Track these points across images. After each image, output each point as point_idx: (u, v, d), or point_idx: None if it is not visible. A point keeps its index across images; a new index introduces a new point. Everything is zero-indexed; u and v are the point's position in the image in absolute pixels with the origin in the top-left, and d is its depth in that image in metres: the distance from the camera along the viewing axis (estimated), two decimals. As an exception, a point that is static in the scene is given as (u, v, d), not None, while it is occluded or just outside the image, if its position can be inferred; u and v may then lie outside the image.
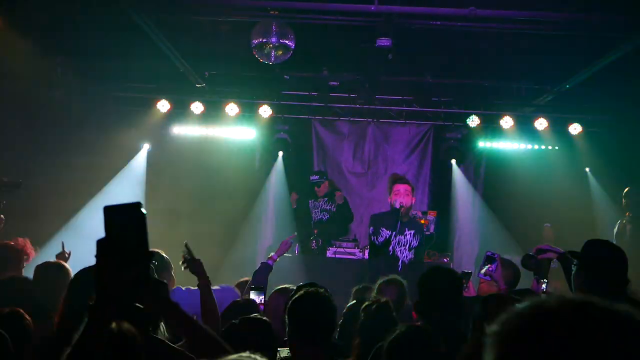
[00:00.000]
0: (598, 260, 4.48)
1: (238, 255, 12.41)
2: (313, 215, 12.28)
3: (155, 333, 3.57)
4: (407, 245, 8.64)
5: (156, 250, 6.04)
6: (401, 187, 8.67)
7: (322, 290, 4.43)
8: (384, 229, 8.55)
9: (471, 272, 7.19)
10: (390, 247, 8.59)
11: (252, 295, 5.95)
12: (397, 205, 8.53)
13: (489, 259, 6.71)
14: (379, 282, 6.08)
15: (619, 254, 4.51)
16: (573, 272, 4.62)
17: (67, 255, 7.57)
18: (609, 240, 4.66)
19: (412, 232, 8.71)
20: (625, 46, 9.37)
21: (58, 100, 11.70)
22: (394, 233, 8.55)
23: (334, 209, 12.22)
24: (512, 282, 6.28)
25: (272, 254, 7.33)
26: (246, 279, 6.79)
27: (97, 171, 12.32)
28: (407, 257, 8.63)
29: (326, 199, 12.28)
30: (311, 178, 12.43)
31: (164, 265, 6.03)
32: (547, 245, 5.59)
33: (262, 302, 5.93)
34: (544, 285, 5.49)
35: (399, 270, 8.21)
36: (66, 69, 11.60)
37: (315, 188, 12.31)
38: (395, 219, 8.55)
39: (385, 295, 5.85)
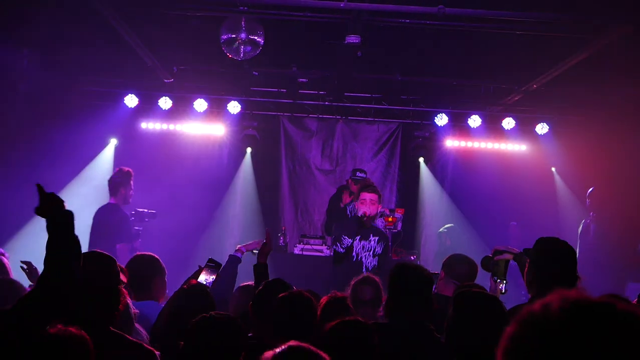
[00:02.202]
0: (548, 257, 4.55)
1: (205, 251, 12.35)
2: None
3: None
4: (372, 251, 8.64)
5: (151, 254, 5.98)
6: (367, 196, 8.66)
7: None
8: (345, 236, 8.57)
9: (438, 274, 7.20)
10: (354, 253, 8.60)
11: (204, 276, 5.81)
12: (360, 214, 8.58)
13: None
14: (353, 281, 6.05)
15: (569, 251, 4.55)
16: (525, 270, 4.69)
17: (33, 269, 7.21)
18: (559, 237, 4.69)
19: (377, 238, 8.70)
20: (592, 47, 9.45)
21: (24, 93, 11.57)
22: (357, 237, 8.60)
23: None
24: (468, 277, 6.27)
25: (239, 246, 7.22)
26: (248, 283, 6.57)
27: (63, 166, 12.20)
28: (371, 263, 8.61)
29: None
30: (358, 174, 11.88)
31: (156, 269, 5.90)
32: (504, 246, 5.64)
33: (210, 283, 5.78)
34: (502, 286, 5.52)
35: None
36: (33, 61, 11.46)
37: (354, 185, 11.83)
38: (357, 227, 8.62)
39: (361, 295, 5.85)
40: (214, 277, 5.74)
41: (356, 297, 5.77)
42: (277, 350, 2.77)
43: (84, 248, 3.67)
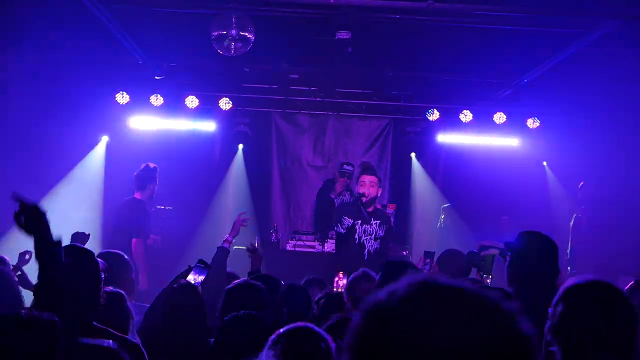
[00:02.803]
0: (528, 251, 4.48)
1: (197, 247, 12.35)
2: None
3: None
4: (373, 235, 8.73)
5: (118, 252, 5.97)
6: (366, 179, 8.80)
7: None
8: (346, 217, 8.67)
9: (434, 252, 7.21)
10: (356, 236, 8.69)
11: (192, 276, 5.81)
12: (356, 194, 8.70)
13: (428, 255, 6.85)
14: (350, 278, 6.01)
15: (550, 245, 4.51)
16: (507, 263, 4.64)
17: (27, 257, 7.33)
18: (540, 232, 4.64)
19: (378, 222, 8.81)
20: (583, 41, 9.48)
21: (14, 91, 11.54)
22: (359, 222, 8.66)
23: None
24: (463, 273, 6.28)
25: (226, 236, 7.23)
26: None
27: (55, 163, 12.18)
28: (373, 246, 8.72)
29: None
30: (345, 167, 11.97)
31: (123, 265, 5.87)
32: (489, 242, 5.64)
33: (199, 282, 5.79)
34: (488, 281, 5.55)
35: (365, 259, 8.34)
36: (22, 59, 11.41)
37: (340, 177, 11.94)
38: (357, 207, 8.70)
39: (359, 291, 5.81)
40: (202, 277, 5.73)
41: (353, 293, 5.71)
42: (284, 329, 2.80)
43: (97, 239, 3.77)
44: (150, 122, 13.42)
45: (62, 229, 3.76)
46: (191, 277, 5.72)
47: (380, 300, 1.34)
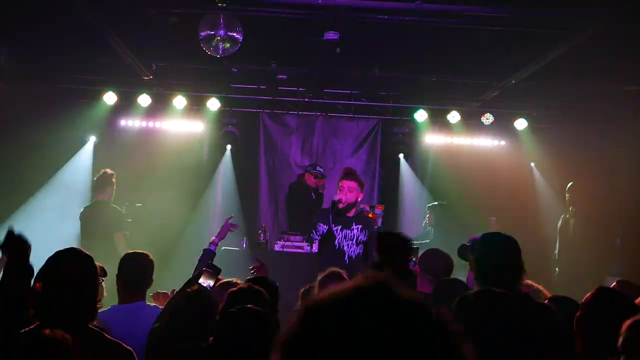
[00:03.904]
0: (490, 251, 4.59)
1: (185, 248, 12.32)
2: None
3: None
4: (354, 240, 8.61)
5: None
6: (345, 184, 8.68)
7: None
8: (320, 224, 8.59)
9: (418, 248, 7.20)
10: (336, 242, 8.57)
11: (203, 279, 5.86)
12: (336, 199, 8.60)
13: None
14: (319, 277, 6.00)
15: (511, 244, 4.60)
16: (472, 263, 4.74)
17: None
18: (502, 232, 4.75)
19: (360, 226, 8.67)
20: (570, 42, 9.50)
21: (2, 91, 11.51)
22: (339, 227, 8.59)
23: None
24: (445, 273, 6.28)
25: (213, 238, 7.21)
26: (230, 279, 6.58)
27: (42, 164, 12.15)
28: (354, 251, 8.58)
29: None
30: (318, 169, 12.28)
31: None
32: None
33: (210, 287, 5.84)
34: None
35: (346, 264, 8.22)
36: (10, 59, 11.38)
37: (314, 179, 12.21)
38: (334, 214, 8.60)
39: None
40: (212, 282, 5.75)
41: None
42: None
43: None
44: (138, 123, 13.39)
45: (47, 235, 3.87)
46: (202, 281, 5.74)
47: (319, 301, 1.34)
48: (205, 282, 5.73)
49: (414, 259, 7.06)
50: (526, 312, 4.39)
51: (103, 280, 4.91)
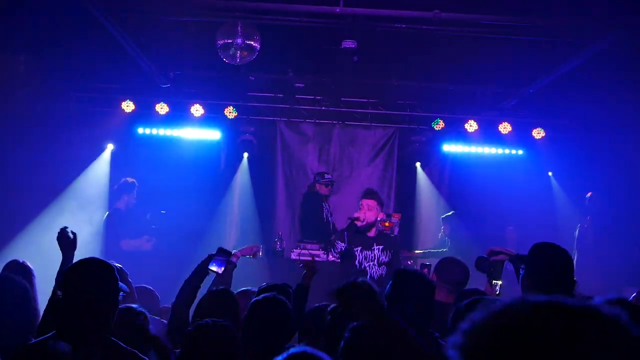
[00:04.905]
0: (544, 263, 4.48)
1: (203, 256, 12.30)
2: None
3: None
4: (376, 261, 8.56)
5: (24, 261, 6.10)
6: (365, 202, 8.71)
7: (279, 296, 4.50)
8: (338, 241, 8.64)
9: (430, 264, 7.23)
10: (357, 262, 8.54)
11: (215, 267, 5.95)
12: (354, 216, 8.63)
13: (424, 266, 6.88)
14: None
15: (564, 255, 4.50)
16: (521, 275, 4.63)
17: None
18: (554, 243, 4.65)
19: (381, 247, 8.62)
20: (587, 52, 9.47)
21: (21, 99, 11.57)
22: (359, 248, 8.55)
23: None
24: (462, 281, 6.26)
25: (235, 251, 7.29)
26: (248, 288, 6.59)
27: (60, 172, 12.21)
28: (376, 272, 8.52)
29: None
30: (326, 176, 12.36)
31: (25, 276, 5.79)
32: (500, 247, 5.59)
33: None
34: (498, 287, 5.51)
35: None
36: (30, 67, 11.46)
37: (325, 187, 12.30)
38: (352, 233, 8.63)
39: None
40: (223, 268, 5.84)
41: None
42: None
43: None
44: (156, 131, 13.44)
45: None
46: (214, 268, 5.81)
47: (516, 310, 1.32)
48: (217, 269, 5.82)
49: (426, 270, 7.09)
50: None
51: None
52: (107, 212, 11.50)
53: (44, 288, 5.30)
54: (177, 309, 5.59)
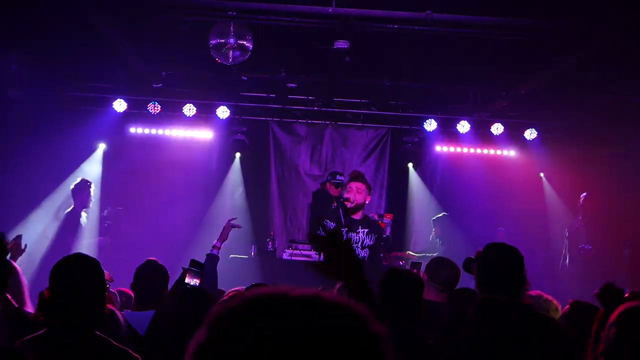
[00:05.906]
0: (492, 263, 4.56)
1: (194, 255, 12.28)
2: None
3: None
4: (360, 243, 8.61)
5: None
6: (353, 185, 8.74)
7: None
8: (327, 220, 8.62)
9: (420, 263, 7.26)
10: None
11: (190, 279, 5.87)
12: (344, 196, 8.66)
13: (414, 265, 6.92)
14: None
15: (513, 256, 4.57)
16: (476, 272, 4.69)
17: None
18: (506, 244, 4.72)
19: (366, 230, 8.69)
20: (579, 52, 9.49)
21: (12, 98, 11.55)
22: (344, 229, 8.55)
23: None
24: (451, 282, 6.28)
25: (214, 241, 7.22)
26: (237, 288, 6.59)
27: (51, 171, 12.18)
28: (359, 254, 8.53)
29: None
30: (338, 177, 12.20)
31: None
32: None
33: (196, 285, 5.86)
34: None
35: None
36: (21, 66, 11.43)
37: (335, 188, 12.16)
38: (342, 213, 8.63)
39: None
40: (197, 280, 5.75)
41: None
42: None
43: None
44: (148, 130, 13.42)
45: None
46: (189, 281, 5.74)
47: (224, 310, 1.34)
48: (191, 281, 5.73)
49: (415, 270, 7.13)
50: (527, 322, 4.36)
51: (109, 286, 4.89)
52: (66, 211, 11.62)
53: (33, 287, 5.31)
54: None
